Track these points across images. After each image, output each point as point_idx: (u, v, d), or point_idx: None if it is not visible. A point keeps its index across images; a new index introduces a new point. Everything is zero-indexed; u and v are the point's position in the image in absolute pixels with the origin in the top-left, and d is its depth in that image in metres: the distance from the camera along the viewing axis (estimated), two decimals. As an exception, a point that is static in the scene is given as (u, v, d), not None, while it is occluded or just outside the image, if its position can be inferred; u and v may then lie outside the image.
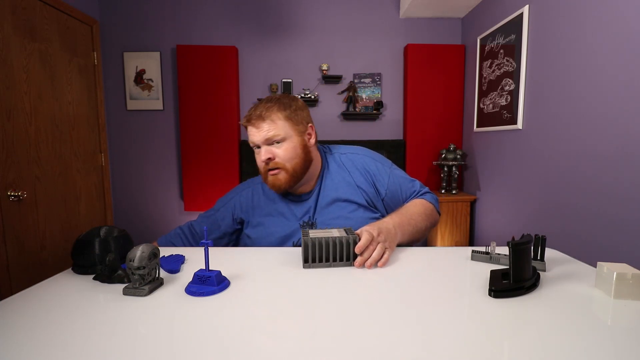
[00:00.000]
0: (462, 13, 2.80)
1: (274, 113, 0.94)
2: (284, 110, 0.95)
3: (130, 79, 2.80)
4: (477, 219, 2.69)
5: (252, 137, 0.95)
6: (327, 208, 1.00)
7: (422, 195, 1.06)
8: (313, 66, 2.89)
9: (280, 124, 0.94)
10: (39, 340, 0.50)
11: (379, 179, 1.04)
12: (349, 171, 1.04)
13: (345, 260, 0.79)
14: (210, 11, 2.81)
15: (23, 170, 1.89)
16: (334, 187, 1.02)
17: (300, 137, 0.97)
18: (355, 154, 1.07)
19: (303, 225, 1.00)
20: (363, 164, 1.05)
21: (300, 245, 0.98)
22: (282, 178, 0.94)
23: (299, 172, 0.96)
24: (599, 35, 1.48)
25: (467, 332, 0.52)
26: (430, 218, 1.02)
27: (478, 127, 2.59)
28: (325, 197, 1.01)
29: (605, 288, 0.64)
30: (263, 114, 0.93)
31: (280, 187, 0.96)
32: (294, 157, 0.94)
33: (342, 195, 1.00)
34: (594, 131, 1.51)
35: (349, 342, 0.49)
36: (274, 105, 0.95)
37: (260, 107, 0.95)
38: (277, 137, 0.93)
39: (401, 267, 0.79)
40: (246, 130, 0.98)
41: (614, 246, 1.41)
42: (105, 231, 0.85)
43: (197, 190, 2.80)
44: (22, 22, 1.91)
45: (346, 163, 1.05)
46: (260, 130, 0.93)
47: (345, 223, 0.97)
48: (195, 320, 0.56)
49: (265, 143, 0.94)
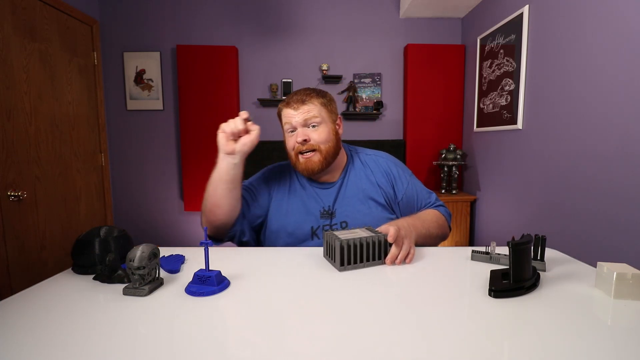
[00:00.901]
0: (462, 13, 2.80)
1: (314, 98, 1.00)
2: (322, 98, 1.02)
3: (130, 79, 2.80)
4: (477, 219, 2.69)
5: (289, 118, 0.99)
6: (348, 200, 1.04)
7: (437, 207, 1.10)
8: (313, 66, 2.89)
9: (318, 109, 1.00)
10: (39, 340, 0.50)
11: (398, 182, 1.08)
12: (372, 170, 1.09)
13: (377, 259, 0.80)
14: (210, 11, 2.81)
15: (23, 170, 1.89)
16: (357, 182, 1.06)
17: (332, 124, 1.03)
18: (379, 157, 1.13)
19: (322, 213, 1.03)
20: (385, 166, 1.10)
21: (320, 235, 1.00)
22: (315, 160, 0.99)
23: (330, 156, 1.01)
24: (599, 35, 1.48)
25: (467, 332, 0.52)
26: (442, 229, 1.05)
27: (478, 127, 2.59)
28: (348, 189, 1.05)
29: (605, 288, 0.64)
30: (303, 98, 0.99)
31: (313, 169, 0.99)
32: (328, 140, 1.00)
33: (364, 191, 1.05)
34: (594, 131, 1.51)
35: (349, 342, 0.49)
36: (312, 92, 1.02)
37: (300, 93, 1.02)
38: (315, 120, 0.99)
39: (401, 267, 0.79)
40: (279, 115, 1.05)
41: (614, 246, 1.41)
42: (105, 231, 0.85)
43: (197, 191, 2.80)
44: (22, 22, 1.91)
45: (369, 163, 1.11)
46: (300, 112, 0.98)
47: (363, 218, 1.01)
48: (195, 320, 0.56)
49: (302, 125, 0.99)
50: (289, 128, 1.01)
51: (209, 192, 0.92)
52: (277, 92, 2.84)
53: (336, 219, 1.02)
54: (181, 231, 2.96)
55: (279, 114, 1.05)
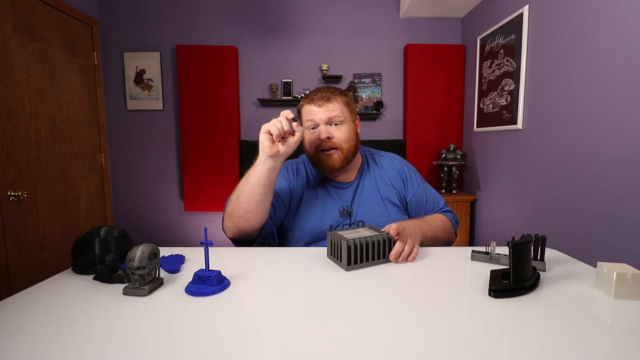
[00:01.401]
0: (462, 13, 2.80)
1: (338, 96, 1.01)
2: (345, 97, 1.03)
3: (130, 79, 2.80)
4: (477, 219, 2.69)
5: (312, 115, 1.00)
6: (365, 200, 1.05)
7: (444, 213, 1.12)
8: (313, 66, 2.89)
9: (341, 107, 1.01)
10: (39, 340, 0.50)
11: (409, 183, 1.10)
12: (387, 171, 1.11)
13: (382, 257, 0.81)
14: (210, 11, 2.81)
15: (23, 170, 1.89)
16: (373, 182, 1.08)
17: (353, 123, 1.04)
18: (393, 159, 1.16)
19: (342, 212, 1.03)
20: (399, 167, 1.13)
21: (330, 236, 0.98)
22: (336, 157, 0.99)
23: (350, 154, 1.02)
24: (599, 35, 1.48)
25: (467, 332, 0.52)
26: (448, 234, 1.06)
27: (478, 127, 2.59)
28: (365, 189, 1.07)
29: (605, 288, 0.64)
30: (328, 96, 1.00)
31: (334, 167, 1.00)
32: (349, 139, 1.01)
33: (380, 191, 1.07)
34: (594, 131, 1.51)
35: (349, 342, 0.49)
36: (336, 90, 1.03)
37: (324, 90, 1.02)
38: (339, 118, 1.00)
39: (401, 267, 0.79)
40: (299, 112, 1.05)
41: (614, 246, 1.41)
42: (105, 231, 0.85)
43: (197, 190, 2.80)
44: (22, 22, 1.91)
45: (384, 164, 1.13)
46: (324, 109, 0.99)
47: (380, 218, 1.02)
48: (195, 320, 0.56)
49: (326, 122, 0.99)
50: (311, 125, 1.01)
51: (244, 198, 0.86)
52: (277, 92, 2.84)
53: (354, 219, 1.03)
54: (181, 231, 2.96)
55: (300, 110, 1.05)
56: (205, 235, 0.68)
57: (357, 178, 1.08)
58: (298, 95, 2.82)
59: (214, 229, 2.90)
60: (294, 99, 2.79)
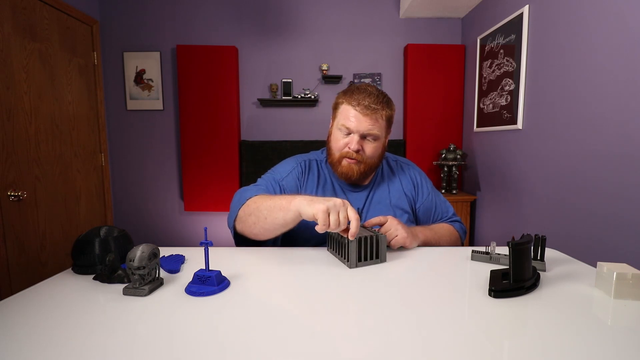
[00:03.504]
0: (462, 13, 2.80)
1: (384, 110, 0.95)
2: (389, 110, 0.97)
3: (130, 79, 2.80)
4: (477, 219, 2.69)
5: (350, 122, 0.93)
6: (375, 206, 1.04)
7: (452, 223, 1.11)
8: (313, 66, 2.89)
9: (382, 124, 0.96)
10: (39, 340, 0.50)
11: (419, 190, 1.10)
12: (399, 177, 1.10)
13: (376, 257, 0.82)
14: (210, 11, 2.81)
15: (23, 170, 1.89)
16: (386, 188, 1.07)
17: (385, 139, 1.01)
18: (406, 164, 1.15)
19: None
20: (412, 173, 1.12)
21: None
22: (356, 169, 0.97)
23: (371, 169, 1.00)
24: (599, 35, 1.48)
25: (467, 332, 0.52)
26: (454, 243, 1.06)
27: (478, 127, 2.59)
28: (377, 194, 1.06)
29: (605, 288, 0.64)
30: (375, 107, 0.93)
31: (352, 177, 0.98)
32: (376, 156, 0.99)
33: (392, 198, 1.06)
34: (594, 131, 1.51)
35: (348, 342, 0.49)
36: (384, 100, 0.96)
37: (374, 98, 0.94)
38: (375, 135, 0.95)
39: (401, 267, 0.79)
40: (336, 106, 0.98)
41: (614, 246, 1.41)
42: (105, 231, 0.85)
43: (197, 190, 2.80)
44: (22, 22, 1.91)
45: (396, 169, 1.12)
46: (366, 121, 0.93)
47: None
48: (195, 320, 0.56)
49: (362, 134, 0.94)
50: (346, 131, 0.95)
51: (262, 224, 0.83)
52: (277, 92, 2.84)
53: (363, 222, 1.02)
54: (181, 231, 2.96)
55: (338, 105, 0.98)
56: (205, 235, 0.68)
57: (372, 182, 1.07)
58: (298, 95, 2.82)
59: (214, 229, 2.91)
60: (294, 98, 2.79)
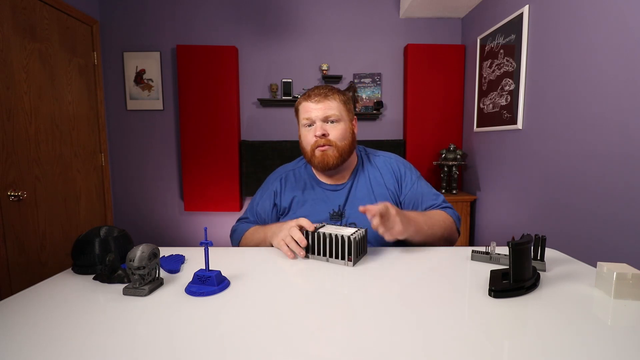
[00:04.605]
0: (462, 13, 2.80)
1: (335, 94, 1.02)
2: (342, 95, 1.04)
3: (130, 79, 2.80)
4: (477, 219, 2.69)
5: (309, 112, 1.00)
6: (358, 202, 1.04)
7: (444, 209, 1.08)
8: (313, 66, 2.89)
9: (338, 106, 1.01)
10: (39, 340, 0.50)
11: (403, 182, 1.09)
12: (381, 172, 1.10)
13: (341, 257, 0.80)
14: (210, 11, 2.81)
15: (23, 170, 1.89)
16: (366, 184, 1.07)
17: (349, 123, 1.05)
18: (389, 158, 1.14)
19: (332, 215, 1.03)
20: (395, 166, 1.11)
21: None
22: (331, 154, 1.00)
23: (345, 153, 1.02)
24: (598, 35, 1.48)
25: (467, 332, 0.52)
26: (448, 230, 1.02)
27: (478, 127, 2.59)
28: (358, 191, 1.06)
29: (605, 288, 0.64)
30: (326, 93, 1.01)
31: (329, 163, 1.00)
32: (344, 138, 1.01)
33: (375, 192, 1.06)
34: (594, 131, 1.51)
35: (349, 342, 0.49)
36: (334, 89, 1.04)
37: (322, 88, 1.03)
38: (335, 117, 1.00)
39: (401, 267, 0.79)
40: (297, 109, 1.06)
41: (614, 246, 1.41)
42: (105, 231, 0.85)
43: (197, 191, 2.80)
44: (22, 22, 1.91)
45: (379, 164, 1.11)
46: (321, 106, 0.99)
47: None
48: (195, 320, 0.56)
49: (322, 119, 1.00)
50: (307, 122, 1.01)
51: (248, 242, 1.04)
52: (277, 92, 2.84)
53: (345, 220, 1.03)
54: (181, 231, 2.96)
55: (297, 108, 1.06)
56: (205, 235, 0.68)
57: (351, 179, 1.08)
58: (298, 95, 2.82)
59: (214, 229, 2.91)
60: (294, 98, 2.79)
